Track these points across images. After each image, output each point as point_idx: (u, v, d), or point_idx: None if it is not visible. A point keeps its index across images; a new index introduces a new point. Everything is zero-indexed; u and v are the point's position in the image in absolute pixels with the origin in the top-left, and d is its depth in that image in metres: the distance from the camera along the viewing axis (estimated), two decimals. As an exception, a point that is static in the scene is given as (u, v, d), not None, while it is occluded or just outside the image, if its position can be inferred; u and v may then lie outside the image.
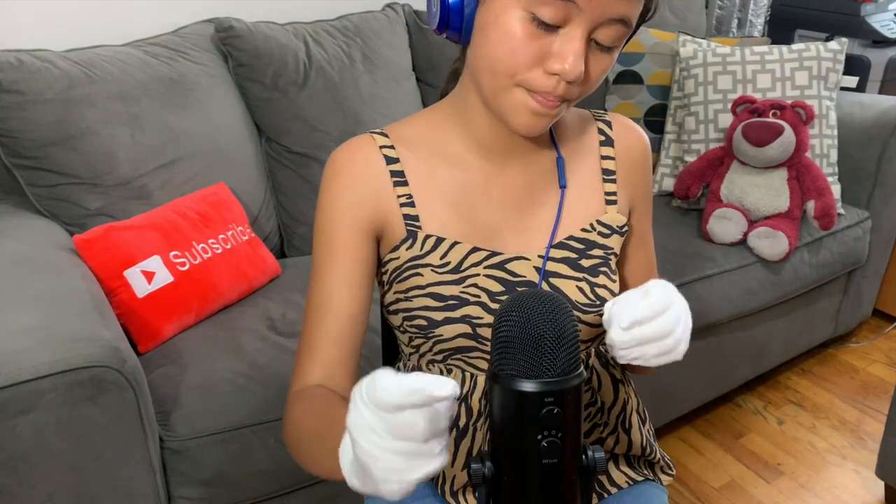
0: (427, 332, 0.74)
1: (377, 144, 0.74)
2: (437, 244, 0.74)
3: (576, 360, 0.53)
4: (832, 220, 1.74)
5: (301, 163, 1.72)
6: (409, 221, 0.74)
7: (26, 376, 0.91)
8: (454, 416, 0.62)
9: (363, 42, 1.81)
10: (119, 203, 1.46)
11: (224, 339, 1.33)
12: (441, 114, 0.77)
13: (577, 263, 0.76)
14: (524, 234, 0.76)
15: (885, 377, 2.08)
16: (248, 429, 1.19)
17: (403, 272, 0.75)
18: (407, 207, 0.74)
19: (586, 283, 0.76)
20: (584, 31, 0.62)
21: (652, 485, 0.87)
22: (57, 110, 1.39)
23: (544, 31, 0.62)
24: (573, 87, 0.65)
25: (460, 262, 0.74)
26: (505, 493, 0.54)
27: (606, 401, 0.83)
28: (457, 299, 0.73)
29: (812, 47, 1.89)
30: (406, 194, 0.74)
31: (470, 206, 0.75)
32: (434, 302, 0.73)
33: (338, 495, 1.34)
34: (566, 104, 0.67)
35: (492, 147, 0.75)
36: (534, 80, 0.64)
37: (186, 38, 1.65)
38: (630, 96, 2.09)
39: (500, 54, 0.63)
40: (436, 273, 0.74)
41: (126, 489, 1.04)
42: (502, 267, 0.75)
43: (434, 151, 0.76)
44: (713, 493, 1.68)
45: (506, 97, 0.66)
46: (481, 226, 0.75)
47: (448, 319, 0.73)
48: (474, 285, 0.74)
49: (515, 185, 0.76)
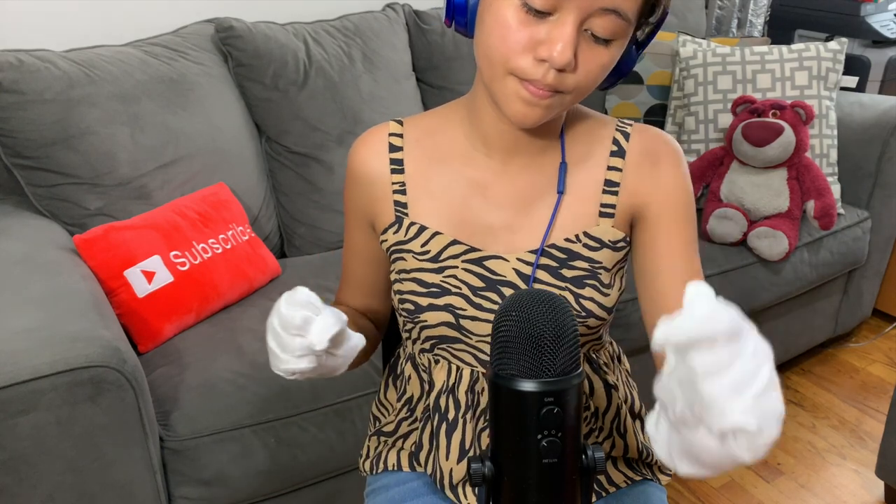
0: (413, 316, 0.77)
1: (388, 132, 0.80)
2: (420, 232, 0.77)
3: (576, 359, 0.53)
4: (832, 220, 1.74)
5: (301, 163, 1.72)
6: (398, 208, 0.78)
7: (26, 376, 0.91)
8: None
9: (363, 42, 1.81)
10: (119, 203, 1.46)
11: (224, 339, 1.33)
12: (455, 109, 0.79)
13: (557, 272, 0.76)
14: (514, 234, 0.76)
15: (885, 377, 2.08)
16: (248, 429, 1.19)
17: (392, 254, 0.80)
18: (398, 195, 0.78)
19: (570, 293, 0.75)
20: (575, 18, 0.61)
21: (651, 484, 0.87)
22: (57, 110, 1.39)
23: (536, 19, 0.62)
24: (565, 77, 0.64)
25: (439, 252, 0.76)
26: (505, 493, 0.54)
27: (600, 406, 0.83)
28: (438, 287, 0.76)
29: (812, 47, 1.89)
30: (400, 182, 0.78)
31: (464, 201, 0.76)
32: (418, 287, 0.77)
33: (338, 495, 1.34)
34: (560, 96, 0.65)
35: (497, 145, 0.75)
36: (524, 68, 0.63)
37: (186, 38, 1.65)
38: (630, 96, 2.09)
39: (493, 42, 0.64)
40: (416, 259, 0.77)
41: (126, 489, 1.04)
42: (480, 263, 0.76)
43: (440, 145, 0.78)
44: (713, 493, 1.68)
45: (500, 86, 0.66)
46: (472, 221, 0.76)
47: (432, 306, 0.76)
48: (453, 276, 0.76)
49: (515, 185, 0.76)
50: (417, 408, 0.86)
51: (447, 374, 0.80)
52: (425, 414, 0.84)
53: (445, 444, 0.81)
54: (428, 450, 0.84)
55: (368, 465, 0.92)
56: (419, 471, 0.87)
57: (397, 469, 0.88)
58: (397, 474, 0.88)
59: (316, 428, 1.24)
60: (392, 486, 0.87)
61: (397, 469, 0.88)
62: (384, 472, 0.90)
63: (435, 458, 0.83)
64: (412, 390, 0.86)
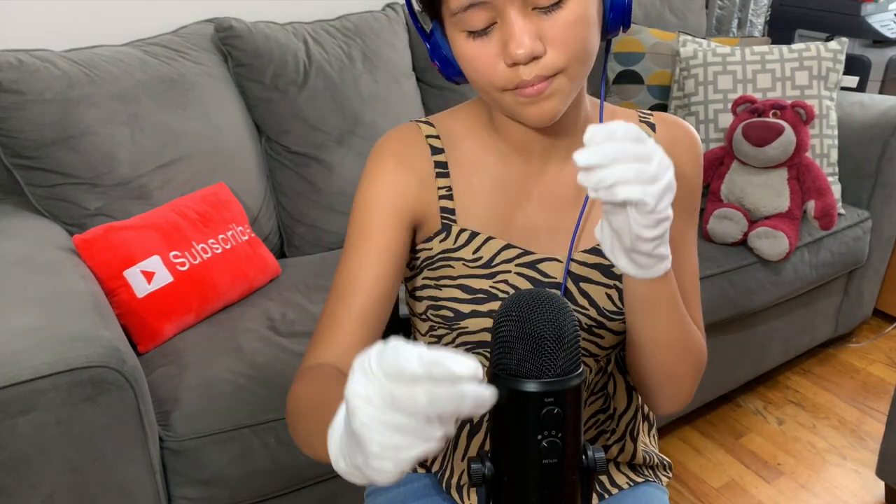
0: (452, 323, 0.75)
1: (423, 134, 0.76)
2: (471, 239, 0.75)
3: (576, 359, 0.53)
4: (832, 220, 1.74)
5: (301, 163, 1.72)
6: (445, 214, 0.75)
7: (26, 376, 0.91)
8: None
9: (363, 42, 1.81)
10: (119, 203, 1.46)
11: (224, 339, 1.33)
12: (477, 114, 0.78)
13: (609, 270, 0.75)
14: (558, 235, 0.76)
15: (885, 377, 2.08)
16: (248, 429, 1.19)
17: (436, 262, 0.75)
18: (445, 200, 0.75)
19: (616, 290, 0.75)
20: (510, 13, 0.61)
21: (652, 485, 0.87)
22: (57, 110, 1.39)
23: (485, 37, 0.63)
24: (544, 60, 0.63)
25: (492, 257, 0.74)
26: (505, 493, 0.54)
27: (619, 407, 0.83)
28: (485, 293, 0.74)
29: (812, 47, 1.89)
30: (446, 186, 0.75)
31: (508, 204, 0.75)
32: (463, 294, 0.74)
33: (338, 495, 1.34)
34: (557, 78, 0.64)
35: (531, 149, 0.75)
36: (506, 80, 0.64)
37: (186, 38, 1.65)
38: (630, 96, 2.09)
39: (472, 75, 0.66)
40: (467, 267, 0.74)
41: (126, 489, 1.04)
42: (533, 266, 0.75)
43: (478, 146, 0.76)
44: (713, 493, 1.68)
45: (503, 104, 0.67)
46: (517, 224, 0.75)
47: (475, 312, 0.74)
48: (504, 281, 0.74)
49: (555, 186, 0.76)
50: None
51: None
52: None
53: (465, 446, 0.80)
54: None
55: (369, 464, 0.91)
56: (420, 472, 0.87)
57: (398, 469, 0.88)
58: (398, 475, 0.88)
59: (316, 428, 1.24)
60: (393, 486, 0.87)
61: (398, 469, 0.88)
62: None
63: (448, 458, 0.82)
64: None
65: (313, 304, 1.46)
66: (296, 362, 1.26)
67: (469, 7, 0.61)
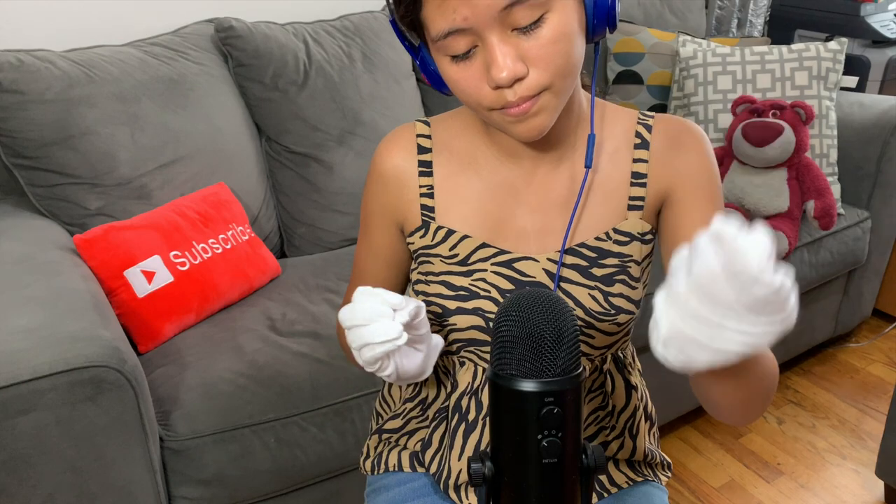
0: (441, 319, 0.76)
1: (415, 133, 0.79)
2: (447, 236, 0.77)
3: (576, 359, 0.53)
4: (832, 220, 1.74)
5: (301, 163, 1.72)
6: (425, 212, 0.78)
7: (26, 376, 0.91)
8: None
9: (363, 42, 1.81)
10: (119, 203, 1.46)
11: (224, 339, 1.33)
12: (475, 115, 0.78)
13: (587, 272, 0.75)
14: (547, 236, 0.76)
15: (885, 377, 2.08)
16: (248, 429, 1.19)
17: (419, 257, 0.80)
18: (425, 198, 0.77)
19: (599, 291, 0.75)
20: (490, 37, 0.61)
21: (652, 485, 0.87)
22: (57, 110, 1.39)
23: (468, 61, 0.63)
24: (528, 80, 0.62)
25: (468, 255, 0.76)
26: (505, 493, 0.54)
27: (617, 404, 0.83)
28: (467, 291, 0.75)
29: (812, 47, 1.89)
30: (428, 185, 0.78)
31: (496, 205, 0.76)
32: (446, 290, 0.76)
33: (338, 495, 1.34)
34: (543, 95, 0.64)
35: (523, 153, 0.75)
36: (492, 102, 0.64)
37: (186, 38, 1.65)
38: (630, 96, 2.09)
39: (460, 97, 0.67)
40: (445, 263, 0.77)
41: (126, 489, 1.04)
42: (510, 265, 0.75)
43: (470, 147, 0.78)
44: (713, 493, 1.68)
45: (493, 121, 0.68)
46: (505, 225, 0.76)
47: (461, 309, 0.75)
48: (482, 280, 0.75)
49: (546, 187, 0.76)
50: (431, 408, 0.85)
51: (472, 376, 0.80)
52: (441, 414, 0.83)
53: (461, 445, 0.81)
54: (437, 448, 0.84)
55: (370, 464, 0.92)
56: (420, 471, 0.87)
57: (398, 469, 0.88)
58: (398, 474, 0.88)
59: (316, 428, 1.24)
60: (393, 486, 0.87)
61: (398, 469, 0.88)
62: (385, 472, 0.89)
63: (444, 458, 0.83)
64: (427, 391, 0.85)
65: (313, 303, 1.46)
66: (296, 362, 1.27)
67: (449, 34, 0.61)
